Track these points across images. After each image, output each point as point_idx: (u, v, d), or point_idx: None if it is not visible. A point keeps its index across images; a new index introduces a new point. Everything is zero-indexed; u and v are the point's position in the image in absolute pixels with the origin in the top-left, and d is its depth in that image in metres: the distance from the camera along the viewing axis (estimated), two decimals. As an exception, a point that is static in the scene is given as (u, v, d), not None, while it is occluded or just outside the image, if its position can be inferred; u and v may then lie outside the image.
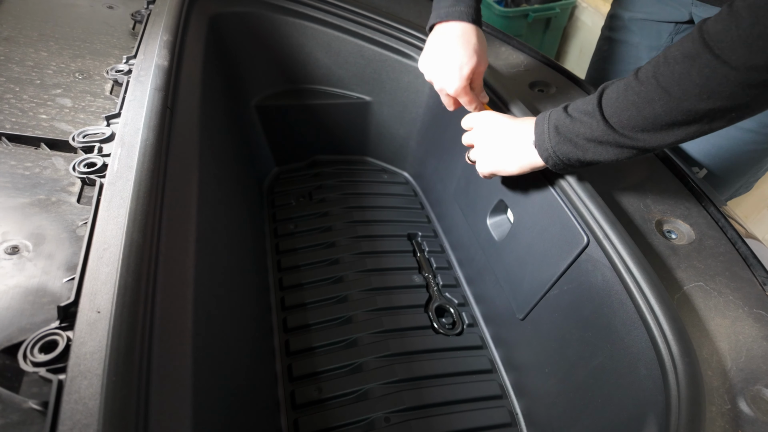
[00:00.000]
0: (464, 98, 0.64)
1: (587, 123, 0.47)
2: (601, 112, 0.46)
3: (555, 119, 0.50)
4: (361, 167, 1.11)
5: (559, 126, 0.50)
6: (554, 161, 0.52)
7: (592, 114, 0.47)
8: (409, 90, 0.94)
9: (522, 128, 0.55)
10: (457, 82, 0.62)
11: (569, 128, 0.49)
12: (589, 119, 0.47)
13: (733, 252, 0.56)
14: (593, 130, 0.47)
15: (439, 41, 0.63)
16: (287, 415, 0.68)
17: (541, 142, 0.52)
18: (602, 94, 0.47)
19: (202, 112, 0.64)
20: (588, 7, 2.00)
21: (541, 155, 0.52)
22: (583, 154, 0.49)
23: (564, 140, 0.49)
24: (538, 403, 0.69)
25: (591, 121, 0.47)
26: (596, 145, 0.48)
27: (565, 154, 0.50)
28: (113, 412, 0.30)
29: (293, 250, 0.90)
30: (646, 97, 0.43)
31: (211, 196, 0.59)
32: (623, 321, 0.51)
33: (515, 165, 0.56)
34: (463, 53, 0.61)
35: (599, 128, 0.46)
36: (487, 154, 0.59)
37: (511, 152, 0.56)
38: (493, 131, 0.59)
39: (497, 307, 0.79)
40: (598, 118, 0.46)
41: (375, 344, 0.76)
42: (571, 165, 0.51)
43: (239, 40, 0.89)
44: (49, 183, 0.47)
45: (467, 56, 0.61)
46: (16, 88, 0.59)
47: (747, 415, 0.42)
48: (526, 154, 0.54)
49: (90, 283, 0.36)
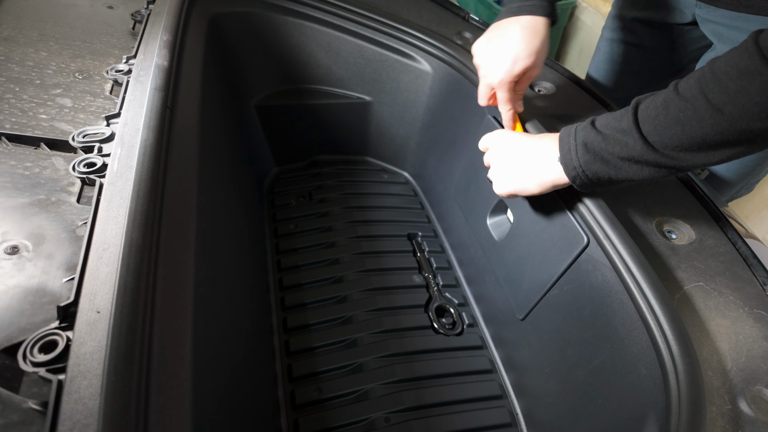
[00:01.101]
0: (504, 95, 0.60)
1: (622, 141, 0.44)
2: (639, 129, 0.43)
3: (583, 136, 0.47)
4: (361, 167, 1.11)
5: (588, 143, 0.46)
6: (582, 180, 0.48)
7: (628, 132, 0.43)
8: (409, 90, 0.94)
9: (542, 145, 0.52)
10: (503, 74, 0.57)
11: (601, 146, 0.45)
12: (625, 137, 0.44)
13: (733, 252, 0.56)
14: (630, 149, 0.43)
15: (502, 28, 0.58)
16: (287, 415, 0.68)
17: (568, 159, 0.48)
18: (637, 109, 0.44)
19: (202, 112, 0.64)
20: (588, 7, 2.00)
21: (567, 173, 0.49)
22: (615, 173, 0.46)
23: (595, 159, 0.46)
24: (538, 404, 0.69)
25: (627, 139, 0.43)
26: (631, 164, 0.44)
27: (595, 173, 0.47)
28: (113, 412, 0.30)
29: (293, 250, 0.90)
30: (693, 115, 0.40)
31: (211, 195, 0.59)
32: (623, 321, 0.51)
33: (535, 183, 0.52)
34: (523, 47, 0.56)
35: (637, 147, 0.43)
36: (505, 174, 0.56)
37: (531, 170, 0.53)
38: (509, 149, 0.56)
39: (497, 307, 0.79)
40: (636, 137, 0.43)
41: (375, 344, 0.76)
42: (599, 184, 0.48)
43: (239, 40, 0.89)
44: (48, 183, 0.47)
45: (526, 52, 0.56)
46: (16, 88, 0.59)
47: (747, 415, 0.42)
48: (549, 171, 0.51)
49: (90, 283, 0.36)
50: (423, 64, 0.89)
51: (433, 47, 0.85)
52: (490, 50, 0.59)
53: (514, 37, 0.57)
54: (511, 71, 0.57)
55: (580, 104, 0.75)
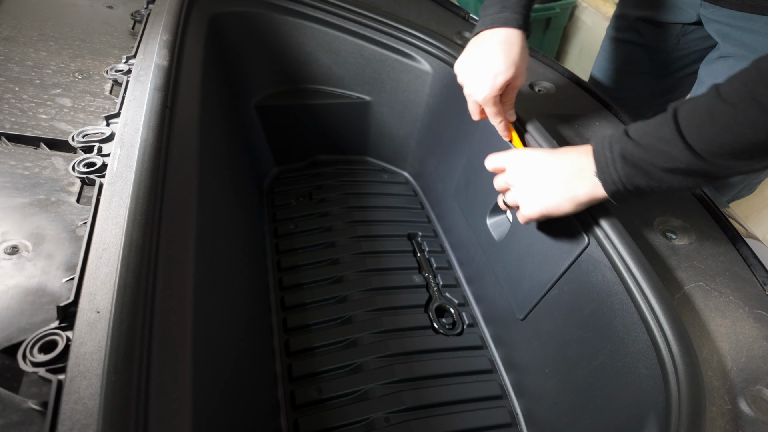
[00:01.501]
0: (491, 109, 0.61)
1: (666, 151, 0.42)
2: (683, 138, 0.41)
3: (620, 148, 0.45)
4: (361, 167, 1.11)
5: (626, 155, 0.44)
6: (621, 195, 0.46)
7: (671, 141, 0.41)
8: (409, 90, 0.94)
9: (571, 160, 0.50)
10: (487, 90, 0.58)
11: (641, 157, 0.43)
12: (668, 147, 0.42)
13: (733, 252, 0.56)
14: (675, 160, 0.41)
15: (479, 45, 0.60)
16: (287, 415, 0.68)
17: (606, 174, 0.46)
18: (676, 116, 0.42)
19: (202, 112, 0.64)
20: (588, 7, 2.00)
21: (606, 188, 0.46)
22: (658, 184, 0.43)
23: (636, 171, 0.44)
24: (538, 404, 0.69)
25: (670, 149, 0.41)
26: (676, 174, 0.42)
27: (636, 186, 0.45)
28: (113, 412, 0.30)
29: (293, 250, 0.90)
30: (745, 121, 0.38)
31: (211, 195, 0.59)
32: (623, 321, 0.51)
33: (570, 202, 0.50)
34: (501, 61, 0.57)
35: (683, 157, 0.41)
36: (533, 195, 0.53)
37: (563, 188, 0.50)
38: (534, 168, 0.53)
39: (497, 307, 0.79)
40: (680, 146, 0.41)
41: (375, 344, 0.76)
42: (639, 195, 0.46)
43: (239, 40, 0.88)
44: (48, 183, 0.47)
45: (505, 65, 0.57)
46: (16, 88, 0.59)
47: (747, 415, 0.42)
48: (584, 187, 0.48)
49: (89, 283, 0.36)
50: (423, 63, 0.89)
51: (433, 47, 0.85)
52: (470, 68, 0.61)
53: (491, 52, 0.58)
54: (493, 86, 0.58)
55: (580, 104, 0.75)
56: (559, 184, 0.50)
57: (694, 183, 0.43)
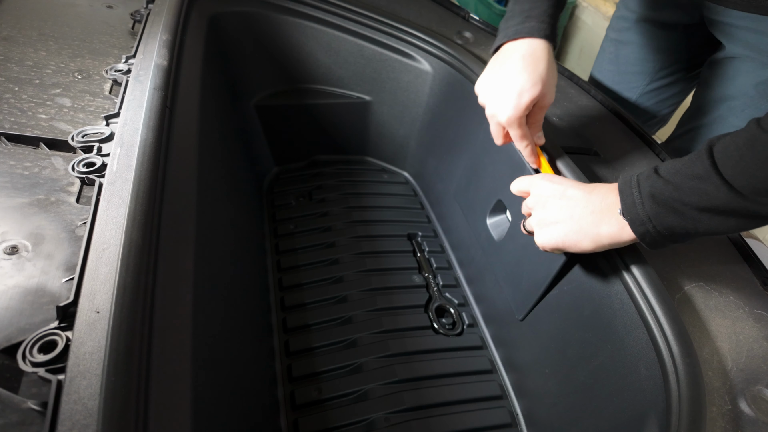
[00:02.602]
0: (516, 131, 0.55)
1: (700, 189, 0.39)
2: (719, 174, 0.38)
3: (649, 186, 0.42)
4: (361, 167, 1.11)
5: (656, 194, 0.41)
6: (652, 236, 0.42)
7: (706, 178, 0.38)
8: (409, 90, 0.94)
9: (601, 197, 0.46)
10: (511, 111, 0.52)
11: (672, 196, 0.40)
12: (703, 184, 0.38)
13: (733, 252, 0.56)
14: (711, 198, 0.38)
15: (501, 60, 0.54)
16: (287, 415, 0.68)
17: (634, 213, 0.42)
18: (712, 152, 0.39)
19: (202, 112, 0.64)
20: (588, 7, 2.00)
21: (634, 229, 0.43)
22: (694, 225, 0.40)
23: (667, 211, 0.41)
24: (538, 404, 0.69)
25: (706, 186, 0.38)
26: (713, 215, 0.39)
27: (668, 228, 0.41)
28: (113, 412, 0.30)
29: (293, 250, 0.90)
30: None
31: (211, 195, 0.59)
32: (623, 321, 0.51)
33: (590, 241, 0.46)
34: (527, 78, 0.52)
35: (720, 195, 0.38)
36: (551, 226, 0.49)
37: (585, 226, 0.46)
38: (560, 198, 0.49)
39: (498, 307, 0.79)
40: (717, 182, 0.38)
41: (375, 344, 0.76)
42: (674, 240, 0.43)
43: (239, 40, 0.88)
44: (48, 183, 0.47)
45: (531, 82, 0.52)
46: (15, 88, 0.59)
47: (748, 415, 0.42)
48: (608, 227, 0.45)
49: (89, 283, 0.36)
50: (423, 63, 0.89)
51: (433, 47, 0.85)
52: (492, 86, 0.55)
53: (515, 68, 0.52)
54: (518, 106, 0.52)
55: (580, 104, 0.74)
56: (583, 220, 0.46)
57: (735, 224, 0.39)
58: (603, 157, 0.65)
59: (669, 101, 0.94)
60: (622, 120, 0.71)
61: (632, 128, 0.70)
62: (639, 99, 0.94)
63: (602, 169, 0.62)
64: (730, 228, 0.40)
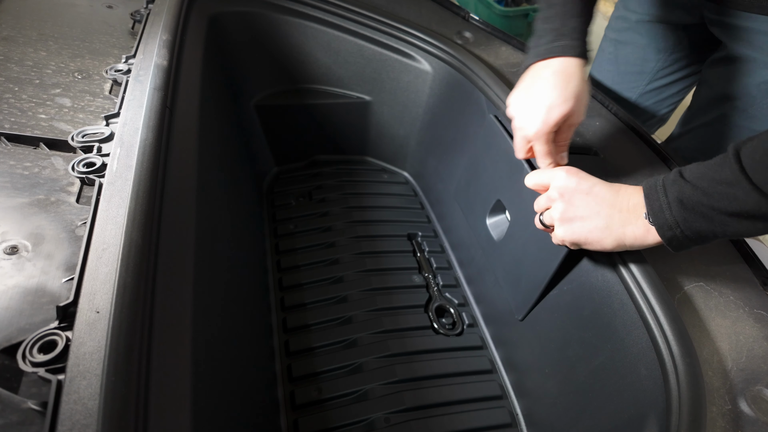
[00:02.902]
0: (541, 147, 0.54)
1: (730, 194, 0.39)
2: (749, 179, 0.38)
3: (676, 191, 0.42)
4: (361, 167, 1.11)
5: (684, 199, 0.41)
6: (679, 240, 0.43)
7: (735, 183, 0.39)
8: (409, 90, 0.94)
9: (627, 197, 0.46)
10: (539, 125, 0.52)
11: (701, 201, 0.40)
12: (732, 189, 0.39)
13: (733, 252, 0.56)
14: (741, 203, 0.39)
15: (533, 75, 0.55)
16: (287, 415, 0.68)
17: (661, 219, 0.43)
18: (739, 156, 0.39)
19: (202, 112, 0.64)
20: (588, 7, 2.00)
21: (662, 234, 0.43)
22: (722, 228, 0.41)
23: (696, 216, 0.41)
24: (538, 404, 0.69)
25: (735, 191, 0.39)
26: (742, 219, 0.40)
27: (696, 231, 0.42)
28: (112, 412, 0.30)
29: (293, 250, 0.90)
30: None
31: (211, 195, 0.59)
32: (623, 321, 0.51)
33: (615, 240, 0.46)
34: (558, 94, 0.51)
35: (750, 200, 0.38)
36: (577, 222, 0.48)
37: (614, 224, 0.46)
38: (587, 193, 0.48)
39: (497, 307, 0.79)
40: (747, 188, 0.38)
41: (375, 344, 0.76)
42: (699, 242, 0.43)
43: (239, 40, 0.88)
44: (48, 183, 0.47)
45: (562, 98, 0.51)
46: (15, 88, 0.59)
47: (748, 415, 0.42)
48: (634, 229, 0.45)
49: (89, 283, 0.36)
50: (423, 63, 0.89)
51: (433, 47, 0.85)
52: (523, 100, 0.55)
53: (546, 84, 0.52)
54: (546, 121, 0.52)
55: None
56: (610, 218, 0.46)
57: (763, 227, 0.40)
58: (603, 157, 0.65)
59: (669, 101, 0.94)
60: (622, 120, 0.71)
61: (632, 128, 0.70)
62: (639, 99, 0.94)
63: (602, 169, 0.62)
64: (758, 231, 0.40)
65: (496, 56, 0.84)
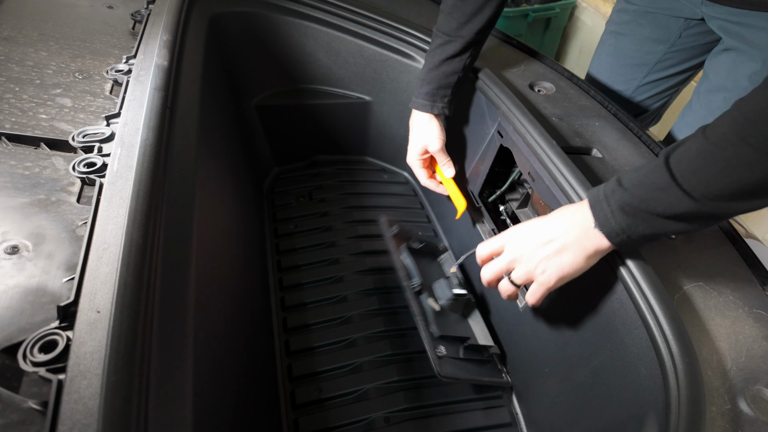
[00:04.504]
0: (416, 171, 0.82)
1: (663, 200, 0.42)
2: (679, 185, 0.41)
3: (618, 200, 0.45)
4: (361, 167, 1.11)
5: (625, 207, 0.44)
6: (627, 244, 0.46)
7: (667, 189, 0.41)
8: (409, 90, 0.94)
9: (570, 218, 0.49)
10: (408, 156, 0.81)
11: (640, 207, 0.43)
12: (665, 195, 0.42)
13: (733, 252, 0.56)
14: (673, 207, 0.42)
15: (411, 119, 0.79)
16: (287, 415, 0.68)
17: (608, 227, 0.46)
18: (668, 163, 0.42)
19: (202, 112, 0.64)
20: (588, 7, 2.00)
21: (612, 240, 0.46)
22: (663, 229, 0.44)
23: (637, 221, 0.44)
24: (538, 403, 0.69)
25: (667, 197, 0.42)
26: (678, 221, 0.42)
27: (641, 234, 0.45)
28: (113, 411, 0.30)
29: (293, 250, 0.90)
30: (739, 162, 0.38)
31: (211, 195, 0.59)
32: (623, 321, 0.51)
33: (583, 258, 0.48)
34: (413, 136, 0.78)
35: (681, 203, 0.41)
36: (545, 262, 0.50)
37: (573, 246, 0.48)
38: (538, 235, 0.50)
39: (497, 306, 0.79)
40: (678, 193, 0.41)
41: (375, 344, 0.76)
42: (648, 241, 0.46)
43: (239, 40, 0.89)
44: (48, 183, 0.47)
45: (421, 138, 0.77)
46: (16, 88, 0.59)
47: (747, 415, 0.42)
48: (589, 241, 0.47)
49: (90, 283, 0.36)
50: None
51: (433, 47, 0.85)
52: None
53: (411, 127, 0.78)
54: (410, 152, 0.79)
55: (580, 104, 0.74)
56: (567, 243, 0.49)
57: (700, 226, 0.43)
58: (603, 157, 0.65)
59: (663, 95, 0.95)
60: (622, 120, 0.72)
61: (631, 129, 0.70)
62: (635, 92, 0.95)
63: (602, 169, 0.63)
64: (696, 228, 0.44)
65: (497, 56, 0.84)
